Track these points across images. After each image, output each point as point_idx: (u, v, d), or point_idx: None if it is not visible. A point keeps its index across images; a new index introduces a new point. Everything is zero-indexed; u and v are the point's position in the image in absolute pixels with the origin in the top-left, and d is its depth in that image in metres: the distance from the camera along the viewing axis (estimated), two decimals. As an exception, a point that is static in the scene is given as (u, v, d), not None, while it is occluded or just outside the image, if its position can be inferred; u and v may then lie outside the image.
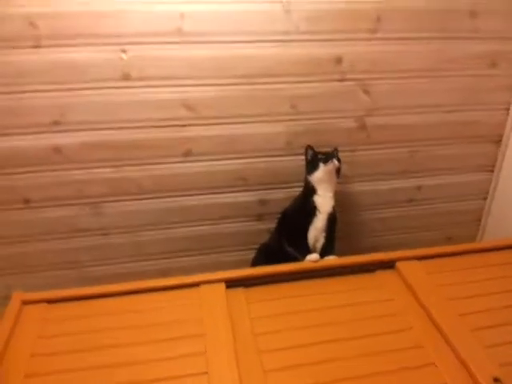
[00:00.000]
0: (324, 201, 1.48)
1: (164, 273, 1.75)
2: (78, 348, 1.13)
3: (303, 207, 1.49)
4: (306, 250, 1.45)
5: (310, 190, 1.49)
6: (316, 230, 1.48)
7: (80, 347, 1.13)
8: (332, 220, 1.49)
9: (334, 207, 1.50)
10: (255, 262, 1.60)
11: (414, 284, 1.32)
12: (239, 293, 1.31)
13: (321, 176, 1.47)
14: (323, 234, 1.48)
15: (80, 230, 1.62)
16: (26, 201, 1.53)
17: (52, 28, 1.33)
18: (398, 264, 1.41)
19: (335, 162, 1.45)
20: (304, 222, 1.48)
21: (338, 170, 1.48)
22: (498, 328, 1.20)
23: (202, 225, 1.71)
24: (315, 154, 1.50)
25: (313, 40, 1.50)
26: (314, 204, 1.48)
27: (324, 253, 1.46)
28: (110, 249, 1.67)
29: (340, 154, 1.52)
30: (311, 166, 1.49)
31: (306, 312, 1.26)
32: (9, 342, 1.12)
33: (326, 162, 1.45)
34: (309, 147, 1.52)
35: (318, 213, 1.47)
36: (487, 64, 1.66)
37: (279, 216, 1.60)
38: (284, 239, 1.52)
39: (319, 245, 1.49)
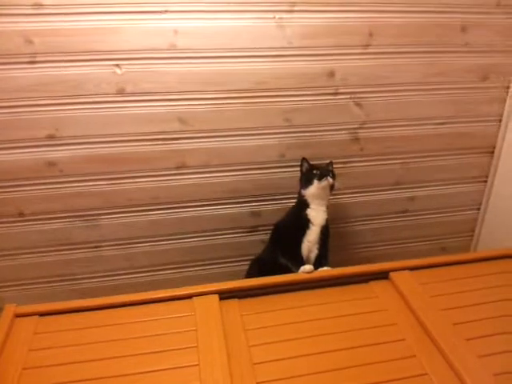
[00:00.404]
0: (317, 214, 1.49)
1: (157, 285, 1.74)
2: (69, 361, 1.12)
3: (296, 220, 1.50)
4: (300, 261, 1.45)
5: (303, 204, 1.50)
6: (309, 242, 1.48)
7: (72, 360, 1.12)
8: (325, 232, 1.49)
9: (327, 220, 1.50)
10: (249, 274, 1.59)
11: (407, 294, 1.32)
12: (233, 304, 1.31)
13: (314, 191, 1.48)
14: (316, 246, 1.48)
15: (73, 243, 1.62)
16: (20, 214, 1.54)
17: (47, 44, 1.35)
18: (392, 275, 1.40)
19: (329, 179, 1.46)
20: (297, 234, 1.48)
21: (331, 186, 1.49)
22: (492, 337, 1.19)
23: (195, 237, 1.71)
24: (310, 167, 1.51)
25: (306, 55, 1.52)
26: (308, 217, 1.48)
27: (318, 264, 1.46)
28: (103, 261, 1.67)
29: (333, 166, 1.54)
30: (305, 180, 1.50)
31: (299, 323, 1.25)
32: (0, 354, 1.12)
33: (320, 179, 1.46)
34: (304, 160, 1.53)
35: (311, 225, 1.48)
36: (479, 77, 1.68)
37: (272, 228, 1.60)
38: (278, 251, 1.52)
39: (313, 256, 1.49)
